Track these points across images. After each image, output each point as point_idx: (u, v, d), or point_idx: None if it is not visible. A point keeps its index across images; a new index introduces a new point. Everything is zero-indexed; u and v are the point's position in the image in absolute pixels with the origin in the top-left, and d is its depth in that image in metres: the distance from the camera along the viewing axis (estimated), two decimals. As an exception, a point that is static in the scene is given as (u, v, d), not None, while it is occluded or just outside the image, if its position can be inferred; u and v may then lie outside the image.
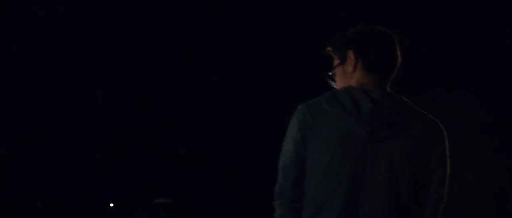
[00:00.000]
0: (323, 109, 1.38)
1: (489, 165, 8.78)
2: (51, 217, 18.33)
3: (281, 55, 10.67)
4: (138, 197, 19.19)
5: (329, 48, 1.54)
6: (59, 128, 19.85)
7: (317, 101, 1.42)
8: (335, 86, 1.51)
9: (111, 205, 20.58)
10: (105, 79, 19.58)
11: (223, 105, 19.07)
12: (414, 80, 10.40)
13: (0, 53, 16.11)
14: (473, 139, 8.96)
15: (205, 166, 19.64)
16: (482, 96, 9.22)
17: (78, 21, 16.87)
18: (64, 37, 17.16)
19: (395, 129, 1.35)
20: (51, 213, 18.53)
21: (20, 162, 18.48)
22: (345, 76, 1.48)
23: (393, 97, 1.41)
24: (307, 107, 1.41)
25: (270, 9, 13.12)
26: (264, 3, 15.30)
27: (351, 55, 1.46)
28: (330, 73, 1.53)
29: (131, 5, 16.06)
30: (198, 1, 16.48)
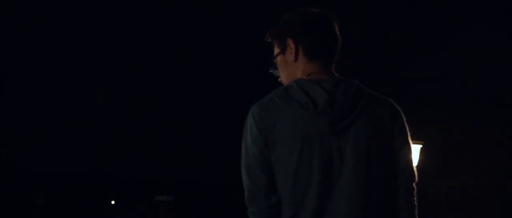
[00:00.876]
0: (278, 108, 1.34)
1: (489, 165, 8.78)
2: (54, 214, 18.36)
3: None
4: (139, 195, 19.23)
5: (268, 37, 1.48)
6: (59, 128, 19.85)
7: (270, 100, 1.37)
8: (278, 75, 1.47)
9: (113, 202, 20.62)
10: (105, 79, 19.58)
11: (223, 106, 19.07)
12: (415, 80, 10.41)
13: (0, 53, 16.10)
14: (474, 139, 8.97)
15: (205, 165, 19.65)
16: (482, 96, 9.22)
17: (78, 21, 16.87)
18: (64, 37, 17.17)
19: (354, 116, 1.32)
20: (55, 211, 18.55)
21: (22, 161, 18.47)
22: (287, 65, 1.43)
23: (345, 82, 1.36)
24: (262, 108, 1.36)
25: (271, 9, 13.12)
26: (264, 3, 15.31)
27: (290, 43, 1.41)
28: (271, 62, 1.47)
29: (131, 5, 16.07)
30: (198, 1, 16.50)
